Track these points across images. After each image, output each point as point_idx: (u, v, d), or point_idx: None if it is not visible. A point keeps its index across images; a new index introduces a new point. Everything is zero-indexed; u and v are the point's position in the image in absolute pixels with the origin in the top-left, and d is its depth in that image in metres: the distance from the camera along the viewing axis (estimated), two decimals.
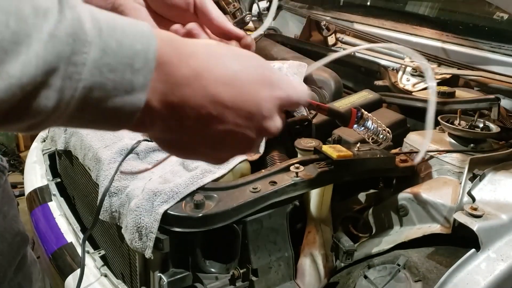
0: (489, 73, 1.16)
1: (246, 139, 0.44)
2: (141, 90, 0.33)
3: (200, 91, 0.38)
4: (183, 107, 0.37)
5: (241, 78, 0.41)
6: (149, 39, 0.33)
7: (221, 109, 0.39)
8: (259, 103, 0.42)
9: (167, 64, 0.35)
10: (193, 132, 0.40)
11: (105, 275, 0.96)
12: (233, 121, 0.41)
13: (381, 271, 0.82)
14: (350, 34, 1.59)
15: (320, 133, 1.02)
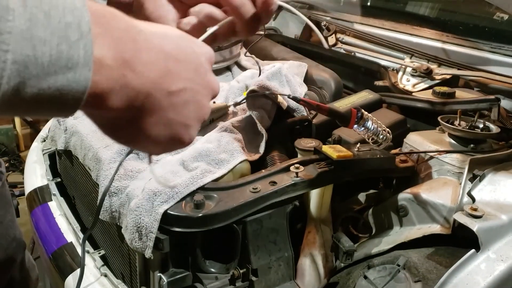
0: (489, 74, 1.16)
1: (202, 97, 0.43)
2: (85, 65, 0.31)
3: (146, 45, 0.36)
4: (139, 65, 0.35)
5: (171, 34, 0.40)
6: (81, 10, 0.32)
7: (173, 63, 0.38)
8: (197, 57, 0.42)
9: (105, 26, 0.34)
10: (157, 98, 0.37)
11: (105, 275, 0.96)
12: (186, 76, 0.40)
13: (381, 272, 0.82)
14: (350, 34, 1.59)
15: (320, 133, 1.02)
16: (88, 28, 0.31)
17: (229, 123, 0.96)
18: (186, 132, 0.42)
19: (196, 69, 0.41)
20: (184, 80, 0.40)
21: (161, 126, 0.39)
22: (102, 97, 0.33)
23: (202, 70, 0.42)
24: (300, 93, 1.12)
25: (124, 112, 0.36)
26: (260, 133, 0.96)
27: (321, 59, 1.36)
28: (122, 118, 0.37)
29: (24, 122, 3.44)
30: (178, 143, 0.42)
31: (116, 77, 0.34)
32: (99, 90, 0.33)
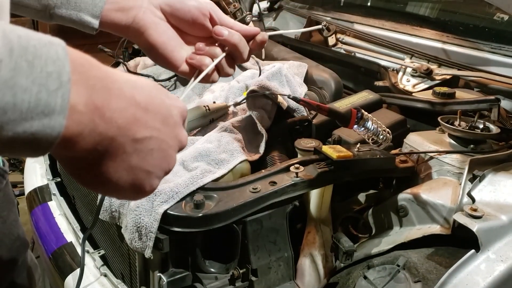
0: (489, 74, 1.16)
1: (168, 147, 0.43)
2: (61, 112, 0.33)
3: (118, 93, 0.38)
4: (108, 112, 0.36)
5: (145, 85, 0.42)
6: (63, 61, 0.33)
7: (141, 112, 0.40)
8: (168, 108, 0.43)
9: (82, 74, 0.35)
10: (121, 144, 0.38)
11: (104, 275, 0.96)
12: (154, 126, 0.41)
13: (380, 272, 0.82)
14: (351, 34, 1.59)
15: (320, 134, 1.02)
16: (68, 78, 0.33)
17: (229, 123, 0.96)
18: (148, 180, 0.43)
19: (164, 120, 0.42)
20: (151, 129, 0.41)
21: (123, 171, 0.40)
22: (70, 141, 0.35)
23: (171, 122, 0.43)
24: (300, 93, 1.12)
25: (88, 154, 0.37)
26: (260, 133, 0.96)
27: (321, 59, 1.36)
28: (86, 160, 0.38)
29: None
30: (139, 190, 0.43)
31: (85, 122, 0.35)
32: (68, 134, 0.34)
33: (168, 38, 0.65)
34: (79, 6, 0.61)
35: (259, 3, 1.68)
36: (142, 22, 0.63)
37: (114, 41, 1.32)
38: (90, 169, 0.39)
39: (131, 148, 0.39)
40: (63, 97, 0.33)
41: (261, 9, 1.70)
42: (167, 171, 0.45)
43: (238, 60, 0.70)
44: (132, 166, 0.40)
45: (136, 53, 1.48)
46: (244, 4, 1.76)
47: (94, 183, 0.41)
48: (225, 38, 0.65)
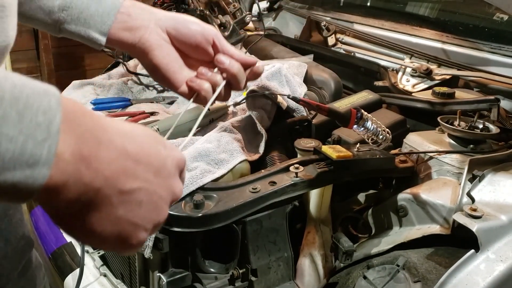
0: (489, 74, 1.16)
1: (159, 199, 0.42)
2: (46, 164, 0.32)
3: (108, 144, 0.37)
4: (96, 162, 0.36)
5: (139, 134, 0.41)
6: (55, 111, 0.33)
7: (131, 163, 0.39)
8: (163, 159, 0.42)
9: (72, 123, 0.35)
10: (107, 195, 0.37)
11: (104, 275, 0.96)
12: (144, 177, 0.40)
13: (380, 272, 0.82)
14: (350, 34, 1.59)
15: (319, 134, 1.02)
16: (57, 129, 0.33)
17: (228, 123, 0.96)
18: (135, 232, 0.41)
19: (157, 171, 0.41)
20: (141, 181, 0.40)
21: (108, 222, 0.39)
22: (53, 190, 0.34)
23: (164, 173, 0.42)
24: (300, 93, 1.12)
25: (72, 204, 0.36)
26: (260, 133, 0.96)
27: (321, 59, 1.36)
28: (69, 209, 0.37)
29: None
30: (125, 242, 0.41)
31: (70, 172, 0.34)
32: (52, 183, 0.33)
33: (171, 60, 0.67)
34: (88, 23, 0.63)
35: (259, 3, 1.68)
36: (148, 43, 0.65)
37: None
38: (74, 218, 0.38)
39: (118, 199, 0.38)
40: (50, 148, 0.32)
41: (260, 9, 1.70)
42: (156, 223, 0.43)
43: (234, 88, 0.72)
44: (118, 218, 0.39)
45: None
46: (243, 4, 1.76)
47: (78, 233, 0.40)
48: (226, 67, 0.67)
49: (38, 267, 0.76)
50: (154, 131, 0.45)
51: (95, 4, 0.64)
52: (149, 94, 1.23)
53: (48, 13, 0.63)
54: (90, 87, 1.22)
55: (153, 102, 1.19)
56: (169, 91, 1.23)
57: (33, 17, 0.63)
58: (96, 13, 0.63)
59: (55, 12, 0.63)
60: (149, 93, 1.24)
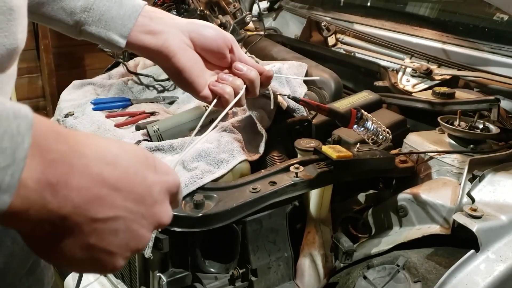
0: (489, 74, 1.16)
1: (139, 227, 0.40)
2: (6, 191, 0.30)
3: (82, 170, 0.35)
4: (64, 189, 0.34)
5: (124, 160, 0.39)
6: (23, 136, 0.31)
7: (108, 190, 0.37)
8: (148, 186, 0.40)
9: (42, 148, 0.33)
10: (77, 223, 0.36)
11: (104, 275, 0.96)
12: (123, 205, 0.38)
13: (380, 272, 0.82)
14: (350, 34, 1.59)
15: (320, 134, 1.02)
16: (24, 155, 0.31)
17: (229, 123, 0.96)
18: (110, 260, 0.40)
19: (139, 199, 0.39)
20: (118, 209, 0.38)
21: (78, 249, 0.37)
22: (15, 216, 0.33)
23: (148, 201, 0.40)
24: (300, 93, 1.12)
25: (37, 229, 0.35)
26: (260, 133, 0.96)
27: (321, 59, 1.36)
28: (35, 234, 0.35)
29: None
30: (99, 268, 0.41)
31: (34, 199, 0.33)
32: (12, 210, 0.32)
33: (194, 64, 0.68)
34: (109, 25, 0.64)
35: (259, 3, 1.68)
36: (172, 47, 0.66)
37: None
38: (43, 242, 0.36)
39: (89, 227, 0.37)
40: (13, 175, 0.31)
41: (261, 9, 1.70)
42: (134, 250, 0.42)
43: (250, 94, 0.75)
44: (90, 245, 0.38)
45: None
46: (244, 4, 1.76)
47: (47, 256, 0.38)
48: (244, 73, 0.70)
49: (46, 266, 0.77)
50: (148, 153, 0.42)
51: (116, 6, 0.64)
52: (149, 94, 1.23)
53: (70, 14, 0.63)
54: (90, 87, 1.22)
55: (153, 102, 1.19)
56: (169, 91, 1.23)
57: (54, 18, 0.63)
58: (117, 15, 0.64)
59: (77, 13, 0.64)
60: (149, 93, 1.24)
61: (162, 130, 0.96)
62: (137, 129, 1.02)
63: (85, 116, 1.07)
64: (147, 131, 0.97)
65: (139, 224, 0.40)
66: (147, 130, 0.96)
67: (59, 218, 0.35)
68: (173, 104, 1.21)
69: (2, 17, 0.44)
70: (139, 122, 1.05)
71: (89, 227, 0.37)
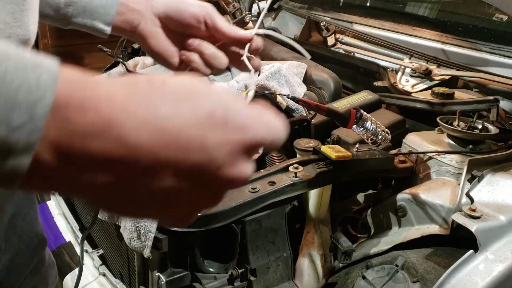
0: (488, 75, 1.16)
1: (202, 195, 0.34)
2: (23, 153, 0.26)
3: (114, 143, 0.29)
4: (90, 165, 0.29)
5: (176, 121, 0.31)
6: (44, 89, 0.27)
7: (152, 162, 0.30)
8: (208, 151, 0.32)
9: (65, 110, 0.28)
10: (115, 191, 0.31)
11: (103, 274, 0.96)
12: (174, 177, 0.32)
13: (379, 272, 0.82)
14: (350, 34, 1.59)
15: (319, 134, 1.02)
16: (44, 112, 0.27)
17: None
18: (170, 223, 0.36)
19: (195, 168, 0.32)
20: (165, 182, 0.32)
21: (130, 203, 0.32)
22: (30, 180, 0.28)
23: (210, 168, 0.33)
24: (299, 93, 1.12)
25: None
26: None
27: (320, 59, 1.36)
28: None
29: None
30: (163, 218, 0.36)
31: (51, 166, 0.28)
32: (29, 173, 0.27)
33: (166, 46, 0.71)
34: (94, 15, 0.67)
35: (259, 3, 1.68)
36: (143, 31, 0.69)
37: (113, 40, 1.32)
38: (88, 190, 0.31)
39: (134, 207, 0.33)
40: (30, 135, 0.26)
41: (260, 9, 1.70)
42: (200, 212, 0.36)
43: (214, 65, 0.71)
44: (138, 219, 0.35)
45: (135, 53, 1.48)
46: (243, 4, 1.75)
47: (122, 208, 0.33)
48: (195, 47, 0.69)
49: (51, 266, 0.77)
50: (217, 107, 0.33)
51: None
52: None
53: (56, 9, 0.66)
54: None
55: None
56: None
57: (42, 14, 0.66)
58: (99, 5, 0.67)
59: (62, 8, 0.67)
60: None
61: None
62: None
63: None
64: None
65: (199, 195, 0.34)
66: None
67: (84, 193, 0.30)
68: None
69: (15, 6, 0.44)
70: None
71: (134, 207, 0.32)
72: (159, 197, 0.32)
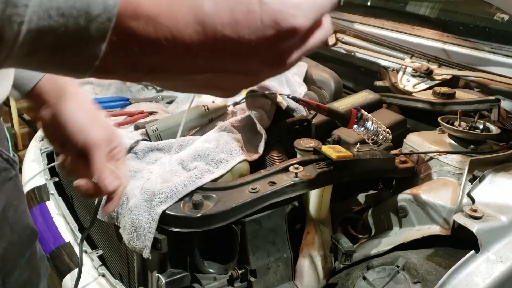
0: (490, 74, 1.16)
1: (242, 78, 0.34)
2: (100, 40, 0.29)
3: (165, 31, 0.30)
4: (148, 45, 0.30)
5: (216, 21, 0.31)
6: None
7: (194, 52, 0.31)
8: (249, 47, 0.32)
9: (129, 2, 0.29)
10: (165, 70, 0.32)
11: (102, 275, 0.96)
12: (213, 65, 0.32)
13: (380, 273, 0.82)
14: (351, 34, 1.59)
15: (319, 134, 1.01)
16: (115, 2, 0.29)
17: (228, 123, 0.95)
18: (221, 94, 0.36)
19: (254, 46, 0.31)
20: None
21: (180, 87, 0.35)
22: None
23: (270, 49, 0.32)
24: (300, 93, 1.12)
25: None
26: (259, 133, 0.95)
27: (321, 58, 1.35)
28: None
29: (22, 121, 3.44)
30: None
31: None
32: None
33: None
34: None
35: None
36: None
37: None
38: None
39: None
40: (104, 25, 0.29)
41: None
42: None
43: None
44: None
45: None
46: None
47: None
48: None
49: (42, 258, 0.77)
50: None
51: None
52: (148, 93, 1.23)
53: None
54: (89, 86, 1.21)
55: (152, 101, 1.18)
56: (169, 91, 1.23)
57: None
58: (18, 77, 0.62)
59: None
60: (148, 92, 1.23)
61: (161, 130, 0.96)
62: (135, 129, 1.01)
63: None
64: (145, 130, 0.96)
65: (240, 76, 0.34)
66: (146, 129, 0.96)
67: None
68: (172, 104, 1.20)
69: None
70: (137, 121, 1.05)
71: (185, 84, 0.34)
72: (203, 82, 0.34)
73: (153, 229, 0.74)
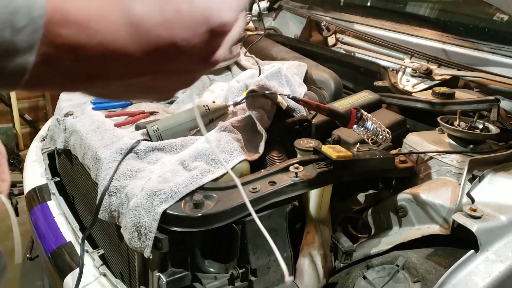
0: (489, 75, 1.16)
1: (176, 81, 0.36)
2: (27, 52, 0.29)
3: (94, 40, 0.30)
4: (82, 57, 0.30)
5: (147, 22, 0.32)
6: None
7: (129, 59, 0.32)
8: (179, 47, 0.33)
9: (56, 12, 0.29)
10: (101, 80, 0.33)
11: (104, 275, 0.96)
12: (150, 71, 0.33)
13: (380, 272, 0.82)
14: (350, 34, 1.59)
15: (319, 134, 1.02)
16: (41, 12, 0.28)
17: (228, 123, 0.95)
18: (156, 96, 0.38)
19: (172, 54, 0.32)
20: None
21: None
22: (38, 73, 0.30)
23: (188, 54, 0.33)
24: (300, 93, 1.12)
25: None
26: (260, 133, 0.96)
27: (321, 59, 1.36)
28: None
29: (23, 121, 3.44)
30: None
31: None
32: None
33: None
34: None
35: (259, 2, 1.68)
36: None
37: None
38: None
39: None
40: (32, 36, 0.28)
41: (260, 9, 1.70)
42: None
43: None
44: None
45: None
46: None
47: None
48: None
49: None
50: None
51: None
52: None
53: None
54: None
55: (152, 101, 1.19)
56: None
57: None
58: None
59: None
60: None
61: (162, 130, 0.96)
62: (136, 129, 1.02)
63: (84, 115, 1.07)
64: (146, 130, 0.97)
65: (174, 80, 0.35)
66: (147, 129, 0.96)
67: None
68: (173, 104, 1.20)
69: None
70: (138, 121, 1.05)
71: (120, 93, 0.35)
72: (140, 86, 0.34)
73: (154, 228, 0.74)
